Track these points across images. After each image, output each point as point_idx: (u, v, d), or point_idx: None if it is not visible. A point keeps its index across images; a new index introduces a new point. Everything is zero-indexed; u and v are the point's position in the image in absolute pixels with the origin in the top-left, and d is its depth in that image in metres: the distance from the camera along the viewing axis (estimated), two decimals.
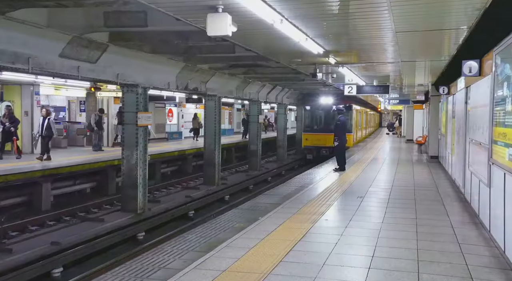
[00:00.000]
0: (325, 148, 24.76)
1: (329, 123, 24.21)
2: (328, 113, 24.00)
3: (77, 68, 9.62)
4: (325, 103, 25.89)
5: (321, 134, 25.16)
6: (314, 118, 26.98)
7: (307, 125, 26.99)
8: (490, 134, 6.37)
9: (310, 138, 26.11)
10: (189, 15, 6.66)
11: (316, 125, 26.79)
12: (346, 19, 7.23)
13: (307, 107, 27.09)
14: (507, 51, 5.53)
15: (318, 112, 26.68)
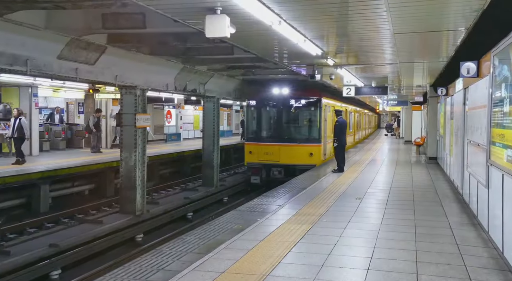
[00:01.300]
0: (278, 167, 16.04)
1: (286, 128, 16.86)
2: (286, 111, 16.73)
3: (76, 70, 9.62)
4: (280, 96, 16.66)
5: (273, 145, 16.23)
6: (262, 119, 17.42)
7: (251, 131, 17.34)
8: (488, 135, 6.38)
9: (256, 151, 16.48)
10: (187, 17, 6.66)
11: (266, 131, 17.26)
12: (345, 21, 7.24)
13: (252, 102, 17.28)
14: (505, 52, 5.54)
15: (269, 110, 17.40)
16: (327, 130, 17.43)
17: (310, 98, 16.73)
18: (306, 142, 16.22)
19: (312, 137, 16.68)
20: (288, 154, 15.97)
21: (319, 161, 16.47)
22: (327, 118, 17.59)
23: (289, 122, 17.17)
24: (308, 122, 17.04)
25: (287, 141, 16.26)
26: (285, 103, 16.68)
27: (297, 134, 16.91)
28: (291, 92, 16.72)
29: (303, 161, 15.83)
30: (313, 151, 16.15)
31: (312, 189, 10.93)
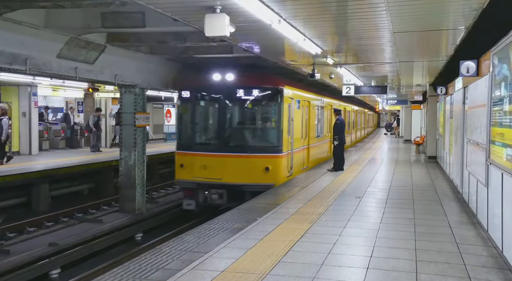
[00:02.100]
0: (220, 187, 11.25)
1: (231, 131, 12.01)
2: (232, 107, 12.03)
3: (75, 69, 9.61)
4: (222, 85, 11.67)
5: (213, 156, 11.49)
6: (198, 118, 12.58)
7: (183, 135, 12.53)
8: (488, 134, 6.38)
9: (190, 164, 11.73)
10: (187, 16, 6.65)
11: (203, 135, 12.58)
12: (344, 20, 7.24)
13: (184, 93, 12.22)
14: (504, 51, 5.54)
15: (208, 105, 12.61)
16: (297, 133, 12.93)
17: (266, 88, 11.53)
18: (260, 152, 11.27)
19: (270, 144, 11.63)
20: (234, 169, 11.11)
21: (280, 178, 11.38)
22: (297, 116, 12.89)
23: (236, 122, 12.09)
24: (264, 123, 12.14)
25: (232, 150, 11.30)
26: (229, 95, 11.55)
27: (248, 140, 11.74)
28: (238, 78, 11.43)
29: (255, 179, 10.98)
30: (271, 165, 11.10)
31: (312, 188, 10.93)
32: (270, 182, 11.11)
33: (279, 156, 11.52)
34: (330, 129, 17.62)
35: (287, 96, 11.98)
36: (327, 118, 18.30)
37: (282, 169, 11.65)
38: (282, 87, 11.72)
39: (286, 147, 11.79)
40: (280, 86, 11.74)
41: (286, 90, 11.88)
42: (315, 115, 15.96)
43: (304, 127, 14.10)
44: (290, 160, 12.31)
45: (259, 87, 11.57)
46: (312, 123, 15.45)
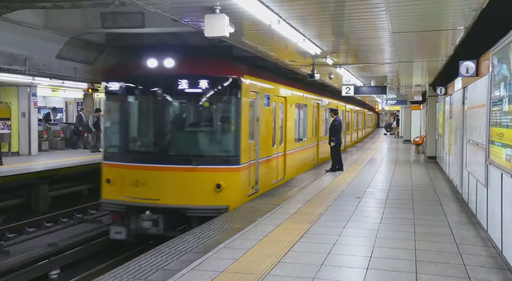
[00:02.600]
0: (156, 211, 8.45)
1: (172, 136, 9.13)
2: (172, 103, 9.26)
3: (74, 69, 9.61)
4: (160, 73, 8.79)
5: (147, 168, 8.70)
6: (128, 118, 9.54)
7: (110, 141, 9.78)
8: (487, 134, 6.38)
9: (118, 179, 8.92)
10: (186, 16, 6.66)
11: (134, 141, 9.74)
12: (344, 20, 7.25)
13: (111, 85, 9.24)
14: (504, 52, 5.55)
15: (141, 100, 9.63)
16: (265, 137, 10.21)
17: (217, 78, 8.75)
18: (209, 164, 8.61)
19: (222, 153, 8.92)
20: (175, 187, 8.47)
21: (237, 198, 8.77)
22: (265, 116, 10.18)
23: (178, 124, 9.23)
24: (215, 125, 9.19)
25: (172, 162, 8.62)
26: (169, 88, 8.77)
27: (193, 148, 8.97)
28: (180, 65, 8.70)
29: (203, 199, 8.42)
30: (224, 181, 8.47)
31: (312, 188, 10.93)
32: (223, 203, 8.36)
33: (235, 168, 8.67)
34: (317, 131, 16.39)
35: (249, 89, 9.16)
36: (312, 118, 15.66)
37: (239, 186, 8.82)
38: (239, 76, 8.75)
39: (246, 157, 8.96)
40: (236, 75, 8.76)
41: (246, 81, 8.99)
42: (294, 114, 13.02)
43: (278, 129, 11.46)
44: (253, 173, 9.46)
45: (207, 76, 8.58)
46: (290, 125, 12.49)
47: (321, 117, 17.35)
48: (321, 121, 17.40)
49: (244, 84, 8.86)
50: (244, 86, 8.86)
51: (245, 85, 8.97)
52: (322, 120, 17.47)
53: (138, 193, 8.52)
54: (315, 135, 16.12)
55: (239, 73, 8.90)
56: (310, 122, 15.40)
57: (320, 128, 17.07)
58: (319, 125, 16.86)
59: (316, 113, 16.32)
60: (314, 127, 15.95)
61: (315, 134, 16.10)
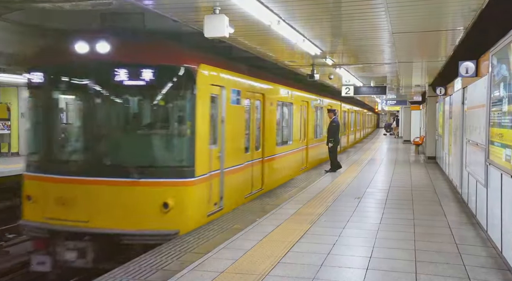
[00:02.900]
0: (85, 236, 6.62)
1: (107, 140, 7.01)
2: (107, 99, 7.14)
3: None
4: (96, 62, 6.82)
5: (78, 182, 6.73)
6: (53, 118, 7.53)
7: (34, 147, 7.61)
8: (487, 134, 6.39)
9: (40, 196, 7.00)
10: (186, 17, 6.66)
11: (63, 146, 7.74)
12: (343, 21, 7.25)
13: (34, 76, 7.32)
14: (503, 52, 5.55)
15: (72, 95, 7.68)
16: (234, 142, 8.53)
17: (164, 67, 6.91)
18: (154, 177, 6.81)
19: (172, 163, 7.11)
20: (109, 206, 6.71)
21: (190, 220, 7.02)
22: (234, 116, 8.51)
23: (114, 125, 7.36)
24: (161, 126, 7.36)
25: (106, 174, 6.78)
26: (103, 79, 6.98)
27: (133, 157, 7.08)
28: (118, 51, 6.88)
29: (145, 223, 6.67)
30: (173, 198, 6.70)
31: (312, 189, 10.93)
32: (171, 227, 6.60)
33: (188, 182, 6.90)
34: (306, 132, 14.85)
35: (209, 82, 7.48)
36: (301, 118, 14.15)
37: (194, 204, 7.08)
38: (194, 66, 7.03)
39: (204, 167, 7.23)
40: (190, 63, 7.02)
41: (205, 72, 7.35)
42: (275, 114, 11.37)
43: (253, 132, 9.78)
44: (216, 187, 7.72)
45: (152, 65, 6.76)
46: (270, 126, 10.83)
47: (312, 117, 15.68)
48: (312, 122, 15.71)
49: (201, 75, 7.12)
50: (201, 78, 7.11)
51: (203, 77, 7.22)
52: (312, 121, 15.76)
53: (63, 213, 6.69)
54: (303, 138, 14.60)
55: (193, 61, 7.12)
56: (298, 123, 13.82)
57: (310, 130, 15.40)
58: (308, 126, 15.17)
59: (305, 113, 14.77)
60: (302, 128, 14.45)
61: (303, 137, 14.59)
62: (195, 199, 7.11)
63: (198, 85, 7.02)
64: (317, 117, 16.83)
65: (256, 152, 9.93)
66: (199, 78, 7.05)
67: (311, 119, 15.60)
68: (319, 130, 17.29)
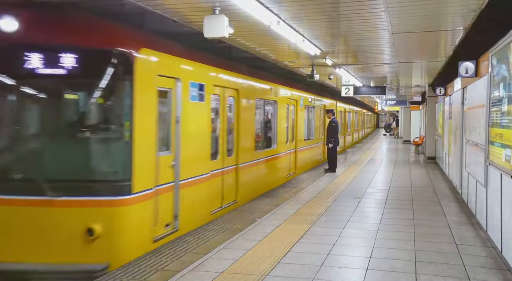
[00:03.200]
0: None
1: (24, 146, 5.50)
2: (19, 93, 5.56)
3: None
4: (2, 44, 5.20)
5: None
6: None
7: None
8: (486, 134, 6.39)
9: None
10: (186, 17, 6.66)
11: None
12: (343, 21, 7.25)
13: None
14: (503, 52, 5.56)
15: None
16: (193, 148, 7.02)
17: (92, 51, 5.41)
18: (76, 194, 5.31)
19: (101, 176, 5.53)
20: (16, 233, 5.29)
21: (128, 250, 5.53)
22: (193, 115, 7.00)
23: (25, 128, 5.85)
24: (86, 129, 5.70)
25: (12, 190, 5.33)
26: (9, 67, 5.41)
27: (49, 168, 5.52)
28: (29, 27, 5.32)
29: (63, 255, 5.25)
30: (100, 222, 5.27)
31: (311, 189, 10.93)
32: (97, 261, 5.24)
33: (122, 201, 5.41)
34: (295, 134, 13.44)
35: (155, 72, 5.96)
36: (288, 118, 12.70)
37: (132, 230, 5.57)
38: (132, 50, 5.56)
39: (147, 179, 5.75)
40: (126, 46, 5.54)
41: (149, 58, 5.89)
42: (253, 113, 9.74)
43: (223, 134, 8.25)
44: (168, 204, 6.27)
45: (74, 48, 5.33)
46: (246, 127, 9.22)
47: (301, 117, 14.21)
48: (301, 123, 14.23)
49: (142, 63, 5.60)
50: (142, 66, 5.59)
51: (145, 65, 5.71)
52: (302, 121, 14.35)
53: None
54: (291, 140, 13.10)
55: (131, 44, 5.61)
56: (283, 124, 12.22)
57: (299, 131, 13.84)
58: (297, 128, 13.68)
59: (293, 113, 13.25)
60: (290, 130, 12.95)
61: (291, 139, 13.10)
62: (132, 222, 5.48)
63: (138, 75, 5.48)
64: (308, 117, 15.55)
65: (228, 159, 8.43)
66: (139, 66, 5.49)
67: (301, 119, 14.25)
68: (311, 131, 16.09)
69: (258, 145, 10.44)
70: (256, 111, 10.17)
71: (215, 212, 7.73)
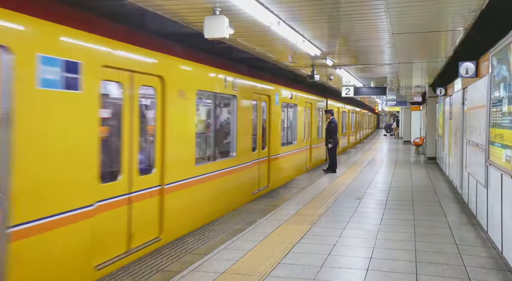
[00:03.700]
0: None
1: None
2: None
3: None
4: None
5: None
6: None
7: None
8: (487, 135, 6.39)
9: None
10: (186, 18, 6.66)
11: None
12: (343, 21, 7.25)
13: None
14: (503, 52, 5.56)
15: None
16: (79, 166, 4.74)
17: None
18: None
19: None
20: None
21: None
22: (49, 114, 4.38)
23: None
24: None
25: None
26: None
27: None
28: None
29: None
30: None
31: (312, 189, 10.93)
32: None
33: None
34: (268, 139, 11.16)
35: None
36: (256, 119, 10.58)
37: None
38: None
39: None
40: None
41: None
42: (191, 112, 7.23)
43: (126, 143, 5.67)
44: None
45: None
46: (179, 132, 6.85)
47: (276, 116, 11.73)
48: (276, 123, 11.71)
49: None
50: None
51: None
52: (277, 121, 11.77)
53: None
54: (262, 147, 10.82)
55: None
56: (247, 127, 9.78)
57: (273, 134, 11.49)
58: (271, 130, 11.31)
59: (265, 112, 11.24)
60: (262, 133, 10.98)
61: (260, 146, 10.73)
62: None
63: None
64: (288, 118, 13.35)
65: (141, 178, 5.90)
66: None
67: (276, 118, 11.74)
68: (291, 135, 13.75)
69: (203, 156, 8.38)
70: (193, 107, 7.31)
71: (100, 269, 5.10)
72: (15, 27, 4.08)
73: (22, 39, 4.14)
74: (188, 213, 7.06)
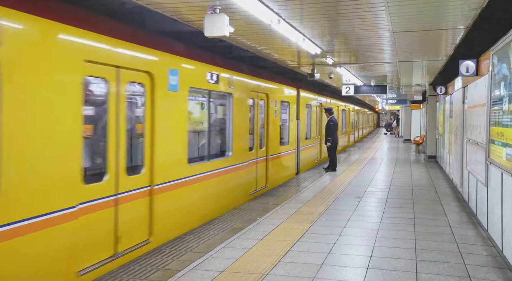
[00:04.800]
0: None
1: None
2: None
3: None
4: None
5: None
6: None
7: None
8: (487, 133, 6.39)
9: None
10: (186, 16, 6.65)
11: None
12: (343, 20, 7.24)
13: None
14: (504, 51, 5.55)
15: None
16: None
17: None
18: None
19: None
20: None
21: None
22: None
23: None
24: None
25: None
26: None
27: None
28: None
29: None
30: None
31: (312, 188, 10.93)
32: None
33: None
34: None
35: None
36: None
37: None
38: None
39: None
40: None
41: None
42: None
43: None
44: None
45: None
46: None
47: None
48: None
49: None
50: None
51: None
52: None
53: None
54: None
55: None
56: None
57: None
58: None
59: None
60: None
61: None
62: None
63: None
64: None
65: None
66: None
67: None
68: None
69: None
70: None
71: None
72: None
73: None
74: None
